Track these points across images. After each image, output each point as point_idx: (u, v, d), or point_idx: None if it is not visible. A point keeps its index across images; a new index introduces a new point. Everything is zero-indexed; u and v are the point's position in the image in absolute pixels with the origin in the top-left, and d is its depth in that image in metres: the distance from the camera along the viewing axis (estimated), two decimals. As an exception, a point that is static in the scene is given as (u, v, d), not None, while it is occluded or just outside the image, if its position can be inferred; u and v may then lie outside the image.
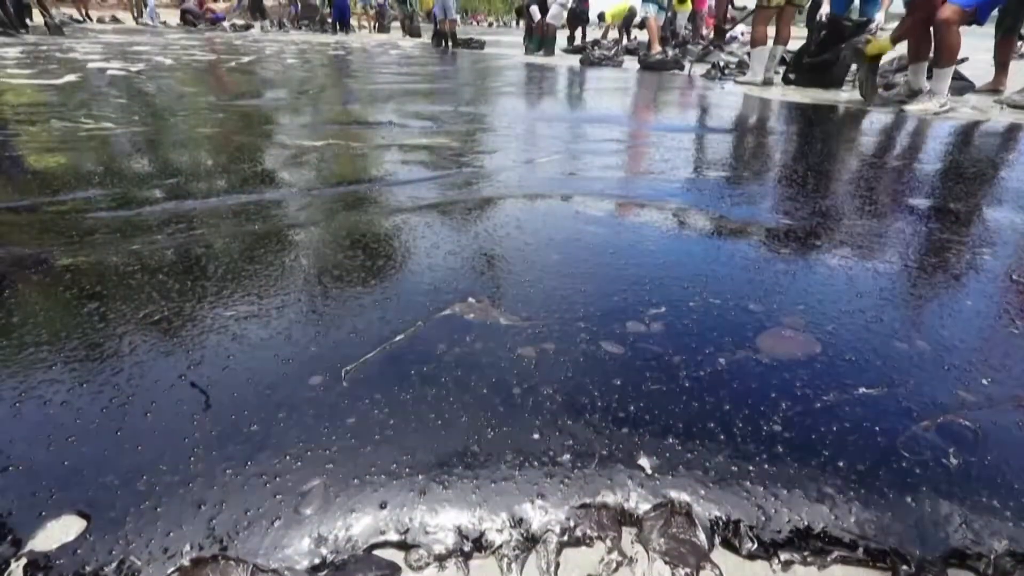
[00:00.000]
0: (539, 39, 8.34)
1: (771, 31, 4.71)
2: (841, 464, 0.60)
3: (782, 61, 4.86)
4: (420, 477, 0.57)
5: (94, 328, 0.82)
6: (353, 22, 15.27)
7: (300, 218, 1.31)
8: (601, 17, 12.00)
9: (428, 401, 0.68)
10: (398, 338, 0.81)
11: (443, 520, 0.52)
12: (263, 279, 0.99)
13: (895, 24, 3.69)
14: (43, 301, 0.91)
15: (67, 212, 1.32)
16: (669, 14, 8.40)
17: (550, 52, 8.20)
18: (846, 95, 3.85)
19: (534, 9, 8.45)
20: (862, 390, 0.72)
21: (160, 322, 0.84)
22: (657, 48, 6.40)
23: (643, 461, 0.59)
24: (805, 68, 4.42)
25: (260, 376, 0.72)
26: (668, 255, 1.13)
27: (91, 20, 12.22)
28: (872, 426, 0.65)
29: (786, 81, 4.53)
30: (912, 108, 3.35)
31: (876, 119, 3.14)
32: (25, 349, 0.77)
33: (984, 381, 0.75)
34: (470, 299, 0.92)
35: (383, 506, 0.53)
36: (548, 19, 8.11)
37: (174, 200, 1.42)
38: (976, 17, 3.17)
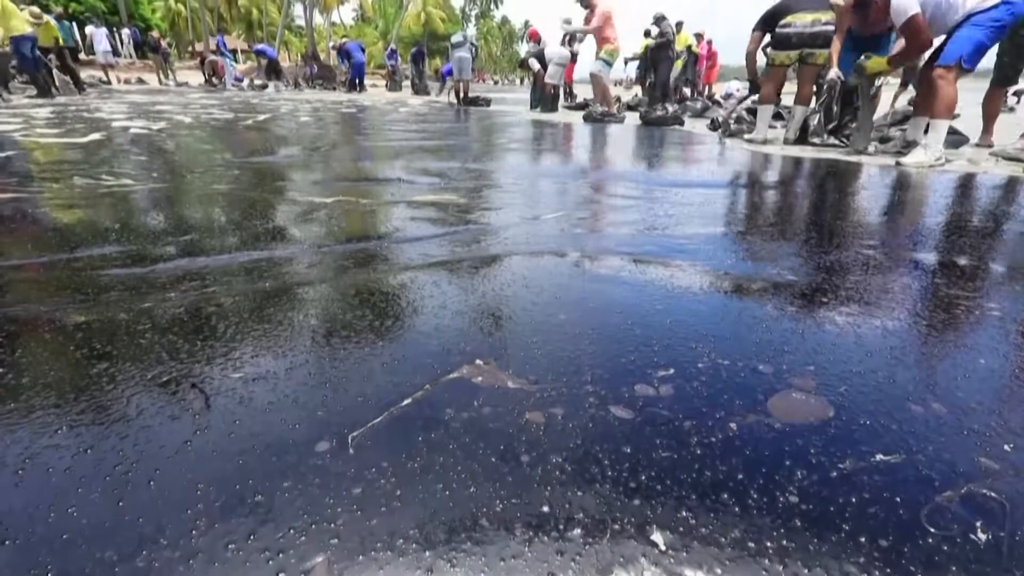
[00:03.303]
0: (539, 95, 8.65)
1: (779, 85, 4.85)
2: (863, 539, 0.58)
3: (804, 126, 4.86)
4: (427, 553, 0.55)
5: (102, 390, 0.82)
6: (368, 81, 16.07)
7: (310, 276, 1.34)
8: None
9: (435, 470, 0.66)
10: (405, 402, 0.80)
11: (450, 602, 0.50)
12: (272, 339, 0.99)
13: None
14: (53, 362, 0.92)
15: (83, 269, 1.35)
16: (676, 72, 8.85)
17: (553, 109, 8.51)
18: (843, 149, 3.95)
19: (532, 61, 8.85)
20: (880, 457, 0.70)
21: (168, 384, 0.84)
22: (611, 103, 6.82)
23: (656, 536, 0.57)
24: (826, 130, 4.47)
25: (266, 442, 0.71)
26: (675, 314, 1.14)
27: (118, 82, 12.97)
28: (893, 497, 0.63)
29: (812, 143, 4.43)
30: (907, 161, 3.42)
31: (873, 173, 3.21)
32: (32, 413, 0.77)
33: (1006, 447, 0.73)
34: (478, 361, 0.92)
35: (388, 586, 0.51)
36: (547, 79, 8.45)
37: (187, 257, 1.45)
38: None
